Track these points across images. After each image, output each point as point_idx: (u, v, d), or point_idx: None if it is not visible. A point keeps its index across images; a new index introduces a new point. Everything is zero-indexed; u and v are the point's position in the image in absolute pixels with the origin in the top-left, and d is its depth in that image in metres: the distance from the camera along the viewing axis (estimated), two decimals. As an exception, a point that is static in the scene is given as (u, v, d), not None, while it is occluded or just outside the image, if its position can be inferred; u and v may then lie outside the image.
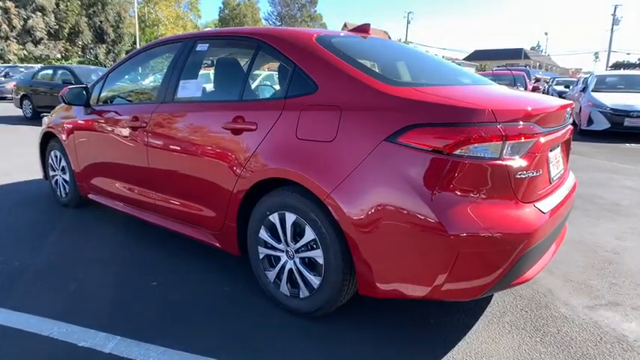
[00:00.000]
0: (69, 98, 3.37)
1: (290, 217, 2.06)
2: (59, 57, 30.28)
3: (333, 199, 1.86)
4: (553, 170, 2.07)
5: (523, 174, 1.76)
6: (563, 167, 2.30)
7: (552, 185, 2.06)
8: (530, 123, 1.81)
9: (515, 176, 1.74)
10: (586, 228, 3.49)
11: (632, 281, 2.59)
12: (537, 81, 15.59)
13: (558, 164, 2.19)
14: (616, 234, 3.37)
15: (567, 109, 2.22)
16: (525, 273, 1.87)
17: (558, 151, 2.19)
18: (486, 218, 1.69)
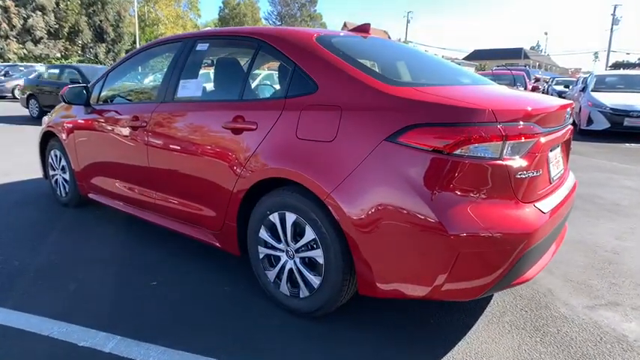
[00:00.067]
0: (69, 97, 3.36)
1: (290, 217, 2.06)
2: (59, 56, 30.26)
3: (334, 199, 1.86)
4: (553, 170, 2.07)
5: (523, 174, 1.77)
6: (563, 167, 2.30)
7: (552, 185, 2.06)
8: (530, 123, 1.81)
9: (515, 176, 1.74)
10: (586, 228, 3.49)
11: (631, 281, 2.59)
12: (537, 81, 15.59)
13: (558, 164, 2.19)
14: (616, 234, 3.37)
15: (567, 109, 2.22)
16: (525, 273, 1.87)
17: (558, 151, 2.19)
18: (486, 218, 1.69)
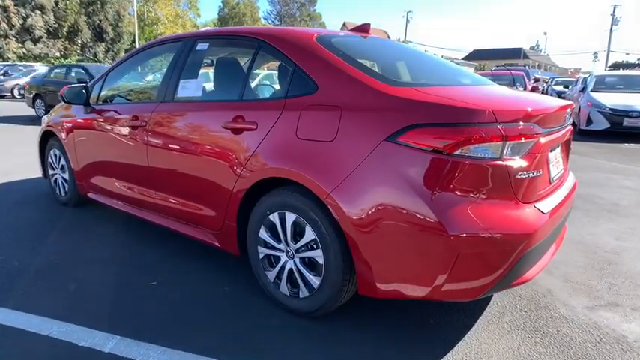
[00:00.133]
0: (69, 97, 3.36)
1: (290, 217, 2.06)
2: (58, 55, 30.24)
3: (334, 199, 1.86)
4: (553, 171, 2.08)
5: (523, 174, 1.77)
6: (563, 168, 2.30)
7: (552, 186, 2.06)
8: (530, 123, 1.81)
9: (515, 177, 1.74)
10: (585, 228, 3.49)
11: (631, 282, 2.60)
12: (536, 81, 15.59)
13: (558, 165, 2.19)
14: (615, 234, 3.38)
15: (567, 110, 2.22)
16: (525, 273, 1.87)
17: (558, 152, 2.19)
18: (486, 219, 1.69)
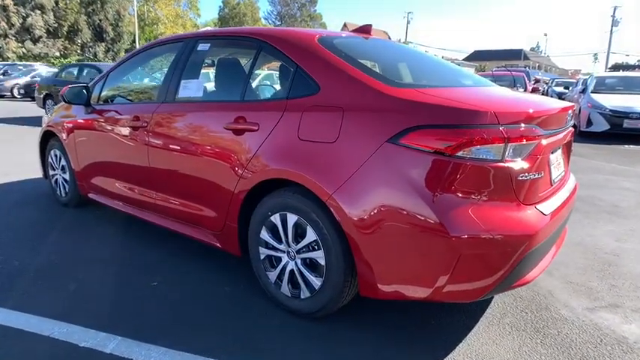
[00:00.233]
0: (69, 97, 3.35)
1: (291, 218, 2.06)
2: (58, 55, 30.23)
3: (335, 200, 1.86)
4: (554, 172, 2.08)
5: (525, 176, 1.77)
6: (564, 169, 2.30)
7: (553, 187, 2.06)
8: (532, 125, 1.81)
9: (516, 178, 1.74)
10: (585, 230, 3.49)
11: (631, 283, 2.60)
12: (537, 82, 15.59)
13: (559, 166, 2.19)
14: (615, 236, 3.38)
15: (569, 112, 2.22)
16: (526, 275, 1.87)
17: (559, 153, 2.19)
18: (488, 220, 1.69)
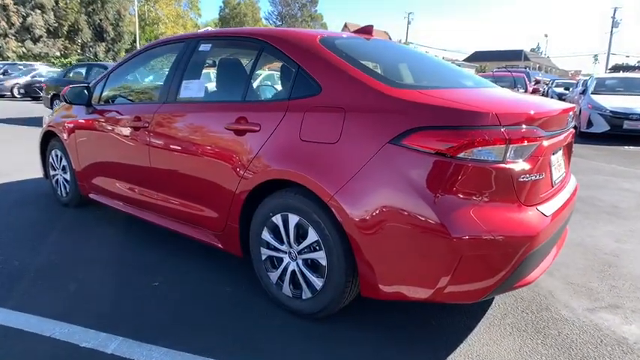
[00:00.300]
0: (70, 97, 3.35)
1: (293, 219, 2.06)
2: (58, 55, 30.22)
3: (337, 201, 1.87)
4: (555, 173, 2.08)
5: (526, 177, 1.77)
6: (564, 170, 2.30)
7: (554, 188, 2.07)
8: (533, 126, 1.82)
9: (518, 179, 1.75)
10: (585, 230, 3.50)
11: (631, 284, 2.60)
12: (537, 83, 15.61)
13: (560, 167, 2.20)
14: (615, 236, 3.38)
15: (570, 113, 2.23)
16: (527, 276, 1.88)
17: (560, 155, 2.19)
18: (489, 221, 1.69)
